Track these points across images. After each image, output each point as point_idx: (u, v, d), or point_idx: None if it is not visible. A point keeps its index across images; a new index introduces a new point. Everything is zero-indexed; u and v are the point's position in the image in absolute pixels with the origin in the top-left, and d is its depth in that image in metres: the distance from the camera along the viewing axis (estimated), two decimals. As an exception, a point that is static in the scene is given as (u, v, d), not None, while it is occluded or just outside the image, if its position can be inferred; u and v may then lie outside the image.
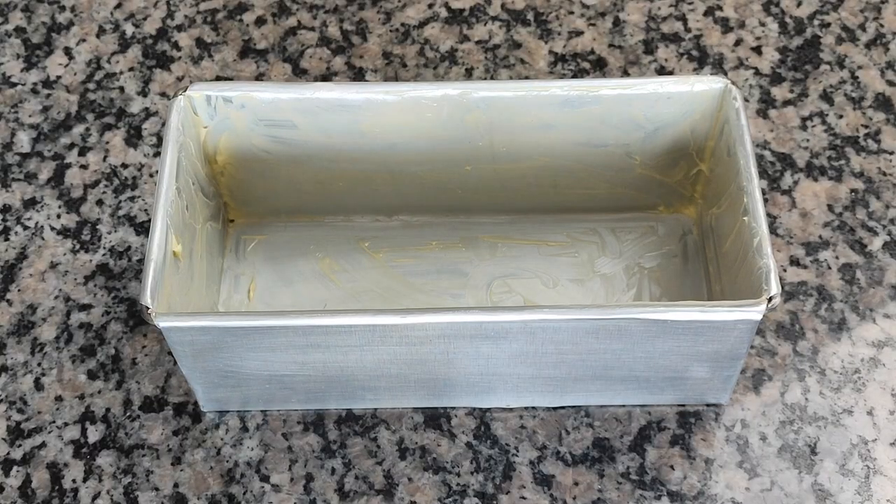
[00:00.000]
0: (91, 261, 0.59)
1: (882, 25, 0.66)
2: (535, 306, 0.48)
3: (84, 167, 0.62)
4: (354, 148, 0.55)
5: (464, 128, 0.54)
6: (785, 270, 0.57)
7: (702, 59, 0.65)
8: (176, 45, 0.67)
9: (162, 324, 0.47)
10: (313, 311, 0.48)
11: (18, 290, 0.58)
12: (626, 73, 0.65)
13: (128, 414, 0.54)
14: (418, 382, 0.52)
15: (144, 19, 0.68)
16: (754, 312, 0.47)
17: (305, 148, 0.55)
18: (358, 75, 0.65)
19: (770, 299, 0.47)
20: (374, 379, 0.51)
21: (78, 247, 0.59)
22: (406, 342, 0.49)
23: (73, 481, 0.53)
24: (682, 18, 0.67)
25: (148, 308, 0.47)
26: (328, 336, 0.48)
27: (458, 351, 0.49)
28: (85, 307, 0.57)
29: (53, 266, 0.59)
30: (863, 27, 0.66)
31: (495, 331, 0.48)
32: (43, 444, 0.54)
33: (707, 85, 0.52)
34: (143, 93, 0.65)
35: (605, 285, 0.57)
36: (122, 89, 0.65)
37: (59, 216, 0.60)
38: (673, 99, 0.53)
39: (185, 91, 0.52)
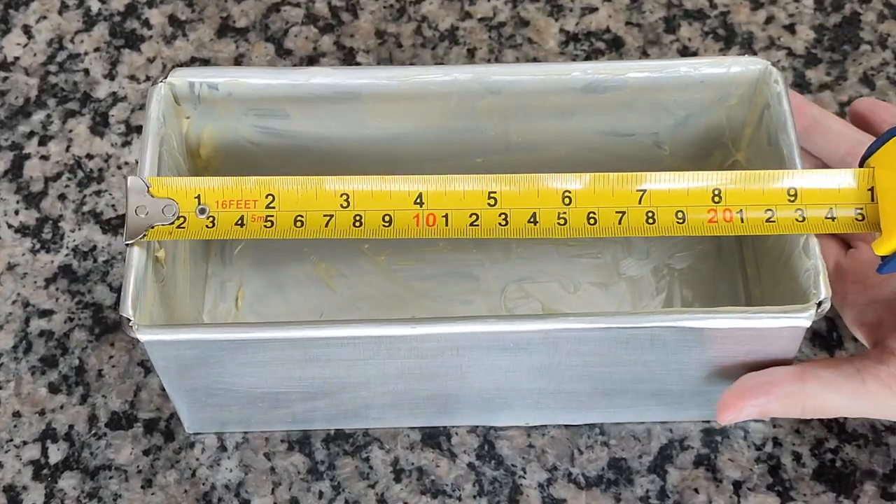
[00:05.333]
0: (52, 262, 0.59)
1: (928, 1, 0.66)
2: (558, 314, 0.47)
3: (45, 158, 0.62)
4: (353, 140, 0.55)
5: (475, 116, 0.54)
6: (821, 272, 0.57)
7: (729, 39, 0.65)
8: (146, 23, 0.67)
9: (144, 337, 0.47)
10: (313, 321, 0.48)
11: (-28, 295, 0.58)
12: (644, 54, 0.64)
13: (93, 431, 0.54)
14: (428, 399, 0.52)
15: (112, -6, 0.68)
16: (803, 319, 0.47)
17: (299, 140, 0.55)
18: (348, 56, 0.65)
19: (820, 304, 0.47)
20: (380, 396, 0.51)
21: (38, 246, 0.59)
22: (416, 355, 0.49)
23: (33, 506, 0.53)
24: (708, -7, 0.67)
25: (129, 320, 0.46)
26: (329, 349, 0.48)
27: (472, 364, 0.49)
28: (46, 313, 0.57)
29: (11, 268, 0.58)
30: (907, 3, 0.66)
31: (514, 341, 0.48)
32: (-1, 465, 0.54)
33: (744, 66, 0.52)
34: (111, 76, 0.65)
35: (631, 289, 0.57)
36: (86, 72, 0.65)
37: (16, 212, 0.60)
38: (706, 82, 0.53)
39: (165, 78, 0.52)
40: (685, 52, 0.64)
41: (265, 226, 0.48)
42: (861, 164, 0.48)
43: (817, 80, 0.64)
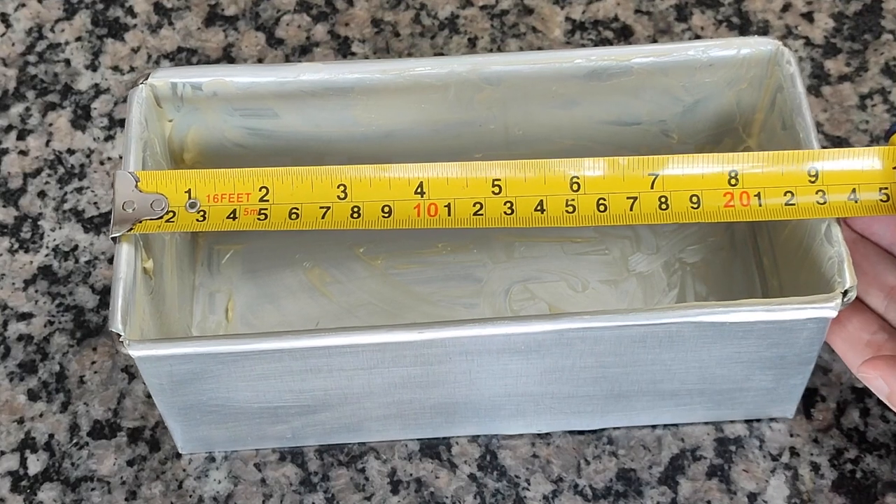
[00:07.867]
0: (32, 262, 0.59)
1: (953, -12, 0.66)
2: (571, 313, 0.47)
3: (23, 153, 0.62)
4: (346, 138, 0.55)
5: (473, 110, 0.54)
6: (841, 273, 0.57)
7: (743, 27, 0.65)
8: (130, 11, 0.66)
9: (136, 353, 0.47)
10: (312, 330, 0.48)
11: (-53, 297, 0.58)
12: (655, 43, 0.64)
13: (74, 441, 0.54)
14: (435, 408, 0.52)
15: (94, -19, 0.68)
16: (828, 309, 0.47)
17: (288, 140, 0.55)
18: (343, 46, 0.65)
19: (845, 293, 0.47)
20: (384, 406, 0.51)
21: (16, 246, 0.59)
22: (422, 362, 0.49)
23: (11, 520, 0.53)
24: (721, -20, 0.67)
25: (119, 335, 0.46)
26: (330, 358, 0.48)
27: (482, 370, 0.49)
28: (24, 316, 0.57)
29: (-12, 268, 0.59)
30: (931, -10, 0.66)
31: (526, 343, 0.48)
32: (-25, 477, 0.54)
33: (754, 48, 0.52)
34: (93, 67, 0.64)
35: (642, 286, 0.57)
36: (67, 62, 0.65)
37: (-6, 210, 0.60)
38: (716, 66, 0.53)
39: (146, 79, 0.52)
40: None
41: (258, 218, 0.48)
42: (887, 139, 0.47)
43: (836, 71, 0.63)
